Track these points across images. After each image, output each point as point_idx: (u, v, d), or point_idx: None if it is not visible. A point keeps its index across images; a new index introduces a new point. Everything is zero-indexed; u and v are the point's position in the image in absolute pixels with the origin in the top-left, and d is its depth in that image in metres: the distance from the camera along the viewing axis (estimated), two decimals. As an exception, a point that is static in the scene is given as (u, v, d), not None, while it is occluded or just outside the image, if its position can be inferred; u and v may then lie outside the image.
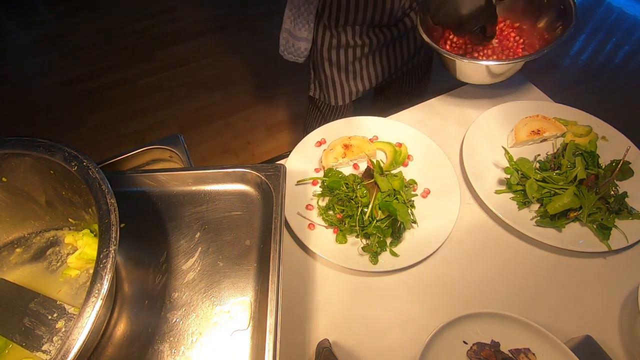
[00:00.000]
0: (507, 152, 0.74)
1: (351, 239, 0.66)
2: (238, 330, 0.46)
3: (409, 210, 0.66)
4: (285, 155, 0.77)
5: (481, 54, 0.81)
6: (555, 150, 0.74)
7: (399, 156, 0.74)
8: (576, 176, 0.65)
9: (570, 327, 0.58)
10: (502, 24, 0.83)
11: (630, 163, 0.70)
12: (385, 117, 0.82)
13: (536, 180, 0.67)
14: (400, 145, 0.76)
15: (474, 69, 0.75)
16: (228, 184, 0.56)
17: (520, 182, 0.69)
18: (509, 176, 0.69)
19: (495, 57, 0.81)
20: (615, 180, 0.67)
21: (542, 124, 0.76)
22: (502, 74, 0.76)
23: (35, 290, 0.48)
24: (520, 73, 0.91)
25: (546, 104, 0.82)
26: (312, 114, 1.13)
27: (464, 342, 0.54)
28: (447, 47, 0.83)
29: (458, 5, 0.64)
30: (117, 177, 0.55)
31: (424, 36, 0.75)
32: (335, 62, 0.93)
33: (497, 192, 0.70)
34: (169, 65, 2.27)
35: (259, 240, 0.52)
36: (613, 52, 2.24)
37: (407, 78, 1.09)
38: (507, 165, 0.73)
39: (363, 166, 0.74)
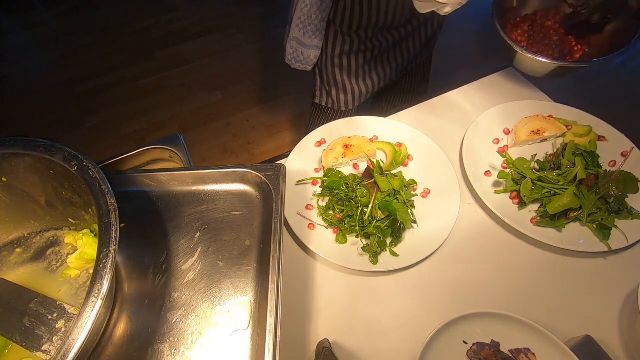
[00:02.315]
0: (503, 155, 0.73)
1: (351, 239, 0.66)
2: (238, 330, 0.46)
3: (409, 210, 0.66)
4: (285, 155, 0.77)
5: (540, 47, 0.80)
6: (555, 151, 0.74)
7: (399, 156, 0.74)
8: (576, 176, 0.65)
9: (570, 327, 0.58)
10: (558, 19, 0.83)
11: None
12: (385, 117, 0.82)
13: (532, 180, 0.67)
14: (400, 145, 0.76)
15: (545, 66, 0.75)
16: (228, 184, 0.56)
17: (519, 182, 0.68)
18: (504, 181, 0.69)
19: (555, 51, 0.80)
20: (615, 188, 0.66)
21: (542, 124, 0.76)
22: (568, 73, 0.76)
23: (35, 290, 0.48)
24: (520, 73, 0.91)
25: (546, 104, 0.82)
26: (316, 118, 1.12)
27: (464, 342, 0.54)
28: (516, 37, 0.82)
29: None
30: (117, 177, 0.55)
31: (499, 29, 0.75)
32: (346, 68, 0.93)
33: (497, 192, 0.70)
34: (169, 65, 2.26)
35: (259, 240, 0.52)
36: (613, 52, 2.23)
37: (409, 78, 1.09)
38: (509, 164, 0.73)
39: (363, 166, 0.74)
